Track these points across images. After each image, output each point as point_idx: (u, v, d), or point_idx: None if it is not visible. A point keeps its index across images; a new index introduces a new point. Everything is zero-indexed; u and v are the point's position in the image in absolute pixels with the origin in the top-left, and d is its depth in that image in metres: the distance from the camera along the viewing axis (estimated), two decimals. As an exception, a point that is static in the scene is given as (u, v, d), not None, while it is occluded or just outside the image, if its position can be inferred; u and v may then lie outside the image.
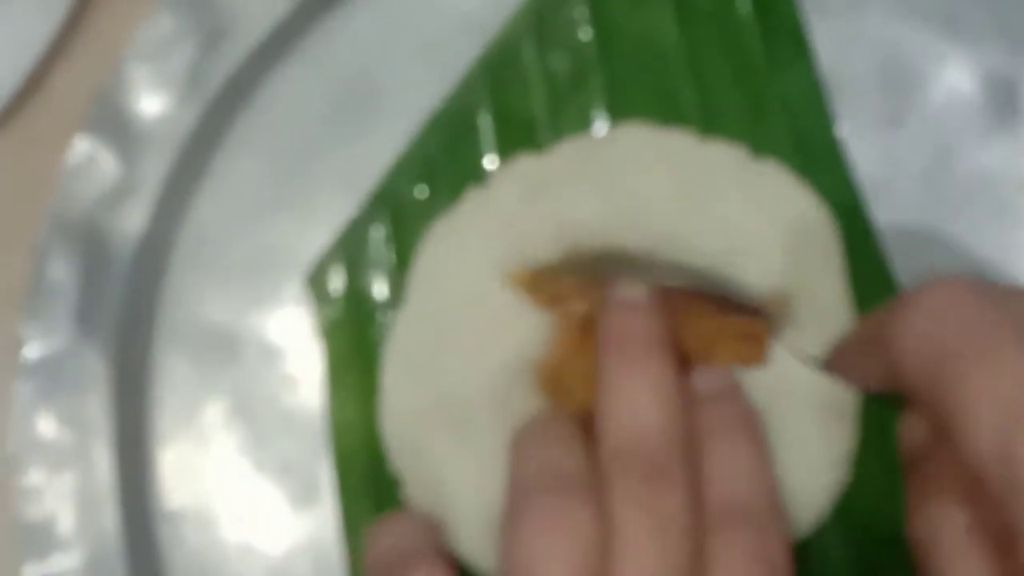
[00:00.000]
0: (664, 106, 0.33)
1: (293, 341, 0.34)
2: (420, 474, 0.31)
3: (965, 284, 0.24)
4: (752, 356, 0.30)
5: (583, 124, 0.33)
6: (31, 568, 0.32)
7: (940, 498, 0.26)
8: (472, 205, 0.32)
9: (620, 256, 0.31)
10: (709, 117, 0.33)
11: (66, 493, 0.32)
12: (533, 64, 0.33)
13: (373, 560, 0.29)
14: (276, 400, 0.34)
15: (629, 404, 0.27)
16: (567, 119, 0.33)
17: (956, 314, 0.24)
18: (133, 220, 0.33)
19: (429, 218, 0.33)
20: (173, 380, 0.34)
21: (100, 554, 0.32)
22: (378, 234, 0.33)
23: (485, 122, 0.33)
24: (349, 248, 0.33)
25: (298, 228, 0.34)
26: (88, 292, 0.33)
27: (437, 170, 0.33)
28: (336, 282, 0.33)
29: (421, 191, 0.33)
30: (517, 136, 0.33)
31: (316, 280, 0.34)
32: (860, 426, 0.31)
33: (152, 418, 0.34)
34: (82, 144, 0.34)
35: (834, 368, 0.30)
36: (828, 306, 0.31)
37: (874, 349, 0.27)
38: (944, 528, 0.26)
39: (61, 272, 0.33)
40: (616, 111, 0.33)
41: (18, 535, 0.32)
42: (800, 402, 0.30)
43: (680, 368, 0.29)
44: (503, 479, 0.29)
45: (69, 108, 0.35)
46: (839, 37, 0.33)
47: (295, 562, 0.33)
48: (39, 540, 0.32)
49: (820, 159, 0.32)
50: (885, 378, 0.27)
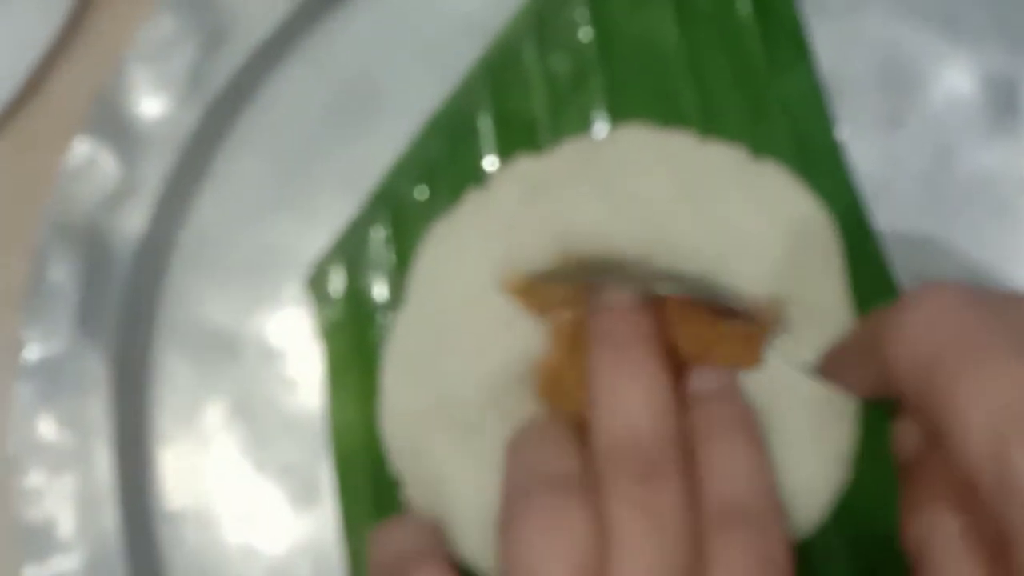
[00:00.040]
0: (664, 107, 0.33)
1: (293, 342, 0.34)
2: (420, 475, 0.31)
3: (957, 290, 0.24)
4: (749, 358, 0.30)
5: (583, 125, 0.33)
6: (31, 570, 0.32)
7: (934, 503, 0.26)
8: (472, 206, 0.32)
9: (615, 263, 0.31)
10: (709, 118, 0.33)
11: (66, 494, 0.32)
12: (533, 65, 0.33)
13: (377, 562, 0.29)
14: (276, 401, 0.34)
15: (620, 403, 0.27)
16: (567, 120, 0.33)
17: (948, 320, 0.23)
18: (133, 221, 0.33)
19: (429, 219, 0.33)
20: (173, 381, 0.34)
21: (100, 555, 0.32)
22: (378, 235, 0.33)
23: (485, 123, 0.33)
24: (349, 249, 0.33)
25: (298, 229, 0.34)
26: (88, 293, 0.33)
27: (437, 171, 0.33)
28: (336, 283, 0.33)
29: (421, 192, 0.33)
30: (517, 137, 0.33)
31: (316, 281, 0.34)
32: (860, 425, 0.31)
33: (152, 419, 0.34)
34: (82, 145, 0.34)
35: (828, 374, 0.30)
36: (828, 307, 0.31)
37: (867, 355, 0.27)
38: (938, 534, 0.26)
39: (61, 273, 0.33)
40: (616, 112, 0.33)
41: (18, 536, 0.32)
42: (799, 402, 0.30)
43: (677, 371, 0.29)
44: (502, 480, 0.29)
45: (69, 109, 0.35)
46: (839, 38, 0.33)
47: (295, 563, 0.33)
48: (39, 541, 0.32)
49: (820, 160, 0.32)
50: (878, 384, 0.27)
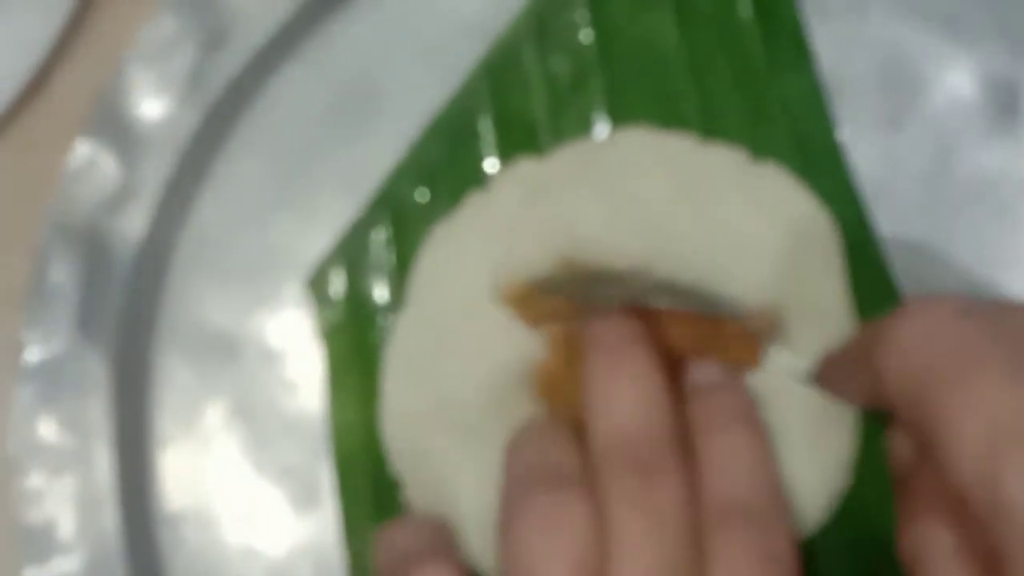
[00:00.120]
0: (665, 109, 0.33)
1: (294, 344, 0.34)
2: (420, 476, 0.31)
3: (951, 304, 0.24)
4: (746, 359, 0.30)
5: (584, 127, 0.33)
6: (31, 571, 0.32)
7: (927, 517, 0.26)
8: (473, 209, 0.32)
9: (611, 275, 0.31)
10: (709, 120, 0.33)
11: (67, 496, 0.32)
12: (534, 67, 0.33)
13: (382, 560, 0.29)
14: (276, 403, 0.34)
15: (615, 403, 0.27)
16: (568, 122, 0.33)
17: (941, 334, 0.23)
18: (134, 223, 0.33)
19: (430, 221, 0.33)
20: (173, 383, 0.34)
21: (100, 557, 0.32)
22: (379, 237, 0.33)
23: (486, 125, 0.33)
24: (350, 251, 0.33)
25: (299, 231, 0.34)
26: (89, 295, 0.33)
27: (438, 173, 0.33)
28: (337, 285, 0.33)
29: (422, 194, 0.33)
30: (518, 139, 0.33)
31: (317, 283, 0.34)
32: (860, 429, 0.31)
33: (152, 421, 0.34)
34: (83, 147, 0.34)
35: (823, 383, 0.30)
36: (828, 308, 0.31)
37: (861, 366, 0.27)
38: (932, 548, 0.26)
39: (62, 275, 0.33)
40: (617, 114, 0.33)
41: (18, 538, 0.32)
42: (799, 406, 0.30)
43: (675, 370, 0.29)
44: (502, 479, 0.29)
45: (70, 111, 0.35)
46: (840, 39, 0.33)
47: (296, 564, 0.33)
48: (39, 543, 0.32)
49: (821, 162, 0.32)
50: (871, 396, 0.27)
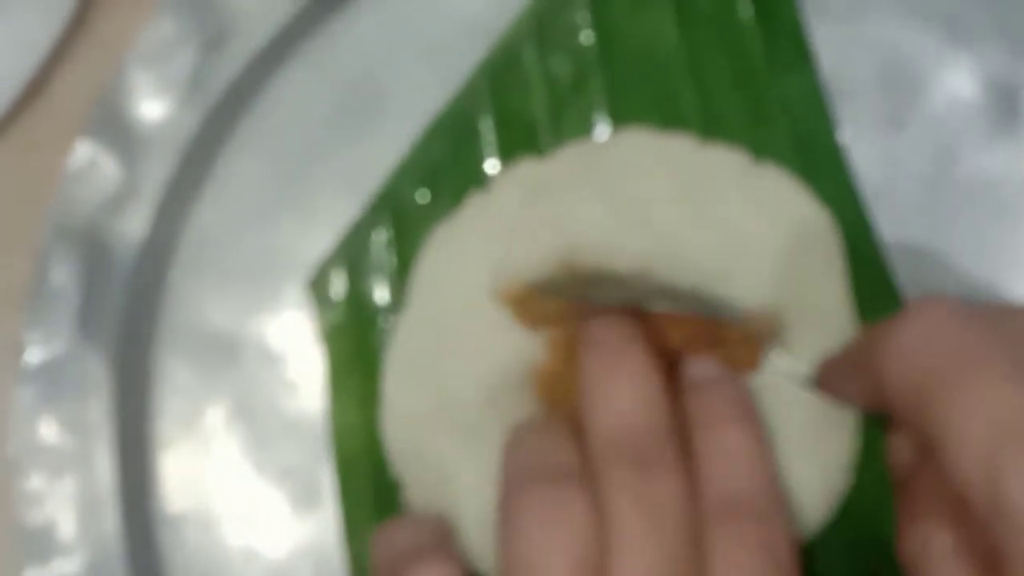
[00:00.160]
0: (665, 110, 0.33)
1: (294, 345, 0.34)
2: (421, 477, 0.31)
3: (952, 305, 0.24)
4: (746, 361, 0.30)
5: (584, 128, 0.33)
6: (32, 572, 0.32)
7: (928, 518, 0.26)
8: (474, 209, 0.32)
9: (611, 277, 0.31)
10: (710, 121, 0.33)
11: (67, 497, 0.32)
12: (534, 68, 0.33)
13: (382, 558, 0.29)
14: (277, 404, 0.34)
15: (613, 401, 0.27)
16: (568, 123, 0.33)
17: (942, 336, 0.23)
18: (134, 224, 0.33)
19: (431, 222, 0.33)
20: (174, 384, 0.34)
21: (101, 558, 0.32)
22: (380, 238, 0.33)
23: (487, 126, 0.33)
24: (351, 252, 0.33)
25: (300, 232, 0.34)
26: (89, 296, 0.33)
27: (439, 174, 0.33)
28: (337, 286, 0.33)
29: (423, 195, 0.33)
30: (519, 140, 0.33)
31: (317, 284, 0.34)
32: (860, 431, 0.31)
33: (153, 422, 0.34)
34: (83, 148, 0.34)
35: (823, 387, 0.30)
36: (829, 309, 0.31)
37: (861, 369, 0.27)
38: (932, 549, 0.26)
39: (62, 276, 0.33)
40: (617, 115, 0.33)
41: (19, 539, 0.32)
42: (799, 408, 0.30)
43: (672, 368, 0.29)
44: (501, 476, 0.29)
45: (71, 112, 0.35)
46: (840, 40, 0.33)
47: (296, 566, 0.33)
48: (40, 544, 0.32)
49: (821, 163, 0.32)
50: (872, 399, 0.27)
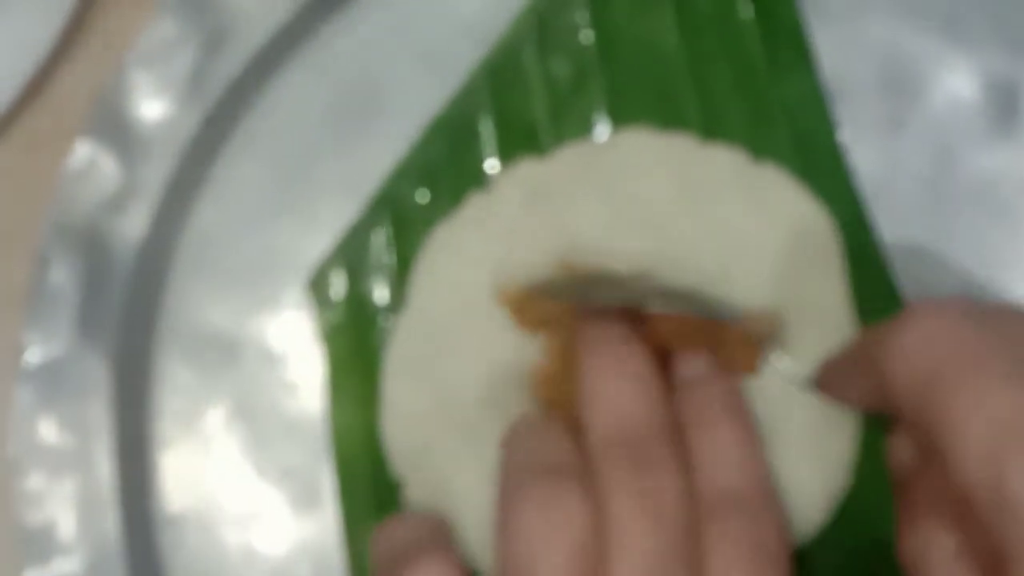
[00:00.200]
0: (665, 110, 0.33)
1: (294, 345, 0.34)
2: (421, 477, 0.31)
3: (956, 305, 0.24)
4: (745, 365, 0.30)
5: (584, 128, 0.33)
6: (31, 572, 0.32)
7: (929, 520, 0.26)
8: (473, 210, 0.32)
9: (611, 278, 0.31)
10: (710, 121, 0.33)
11: (67, 497, 0.32)
12: (534, 68, 0.33)
13: (380, 554, 0.29)
14: (277, 404, 0.34)
15: (613, 397, 0.27)
16: (568, 123, 0.33)
17: (947, 336, 0.23)
18: (134, 224, 0.33)
19: (430, 222, 0.33)
20: (174, 384, 0.34)
21: (101, 559, 0.32)
22: (379, 238, 0.33)
23: (486, 126, 0.33)
24: (350, 252, 0.33)
25: (299, 232, 0.34)
26: (89, 296, 0.33)
27: (438, 174, 0.33)
28: (337, 286, 0.33)
29: (422, 195, 0.33)
30: (518, 140, 0.33)
31: (317, 284, 0.33)
32: (860, 430, 0.31)
33: (153, 422, 0.34)
34: (83, 148, 0.34)
35: (823, 388, 0.30)
36: (829, 309, 0.31)
37: (863, 370, 0.27)
38: (933, 550, 0.26)
39: (62, 276, 0.33)
40: (617, 115, 0.33)
41: (19, 539, 0.32)
42: (800, 407, 0.30)
43: (669, 368, 0.29)
44: (498, 473, 0.29)
45: (70, 112, 0.35)
46: (840, 41, 0.33)
47: (296, 566, 0.33)
48: (40, 544, 0.32)
49: (821, 163, 0.32)
50: (873, 400, 0.27)
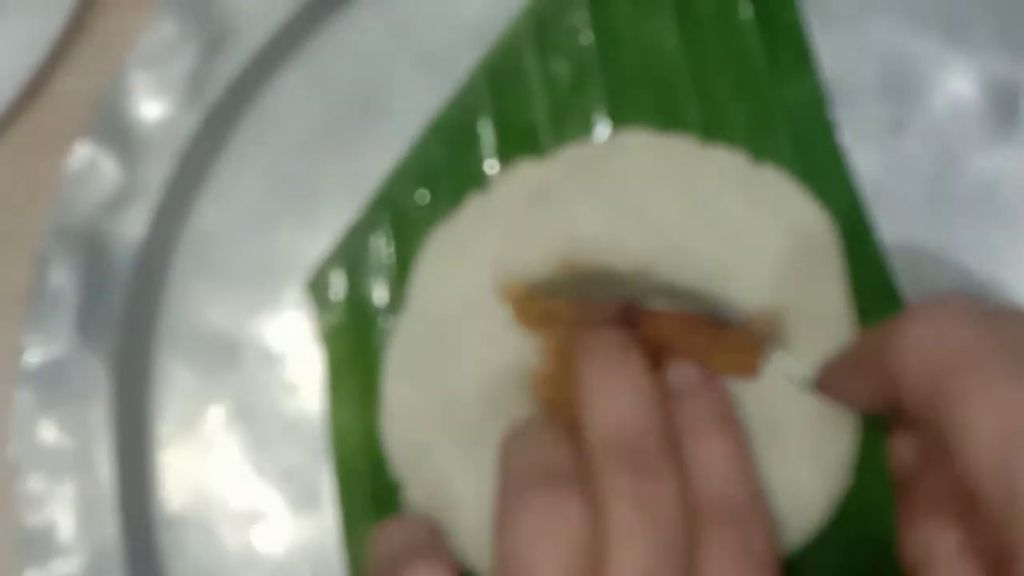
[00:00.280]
0: (665, 111, 0.33)
1: (294, 346, 0.34)
2: (420, 477, 0.31)
3: (965, 302, 0.24)
4: (746, 368, 0.30)
5: (584, 129, 0.33)
6: (32, 573, 0.32)
7: (931, 519, 0.26)
8: (473, 211, 0.32)
9: (613, 276, 0.31)
10: (710, 123, 0.33)
11: (67, 499, 0.32)
12: (534, 69, 0.33)
13: (376, 560, 0.29)
14: (277, 405, 0.34)
15: (611, 403, 0.27)
16: (568, 124, 0.33)
17: (957, 332, 0.23)
18: (134, 226, 0.33)
19: (430, 224, 0.33)
20: (174, 385, 0.34)
21: (101, 560, 0.32)
22: (379, 239, 0.33)
23: (486, 127, 0.33)
24: (350, 253, 0.33)
25: (299, 233, 0.34)
26: (89, 298, 0.33)
27: (438, 176, 0.33)
28: (337, 287, 0.33)
29: (422, 196, 0.33)
30: (518, 141, 0.33)
31: (317, 285, 0.33)
32: (860, 431, 0.31)
33: (153, 423, 0.34)
34: (83, 149, 0.34)
35: (825, 389, 0.30)
36: (829, 312, 0.31)
37: (867, 369, 0.27)
38: (936, 548, 0.26)
39: (62, 278, 0.33)
40: (617, 117, 0.33)
41: (19, 541, 0.32)
42: (800, 408, 0.30)
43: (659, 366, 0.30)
44: (497, 475, 0.29)
45: (70, 113, 0.35)
46: (841, 42, 0.33)
47: (296, 567, 0.33)
48: (40, 546, 0.32)
49: (822, 166, 0.32)
50: (875, 400, 0.27)
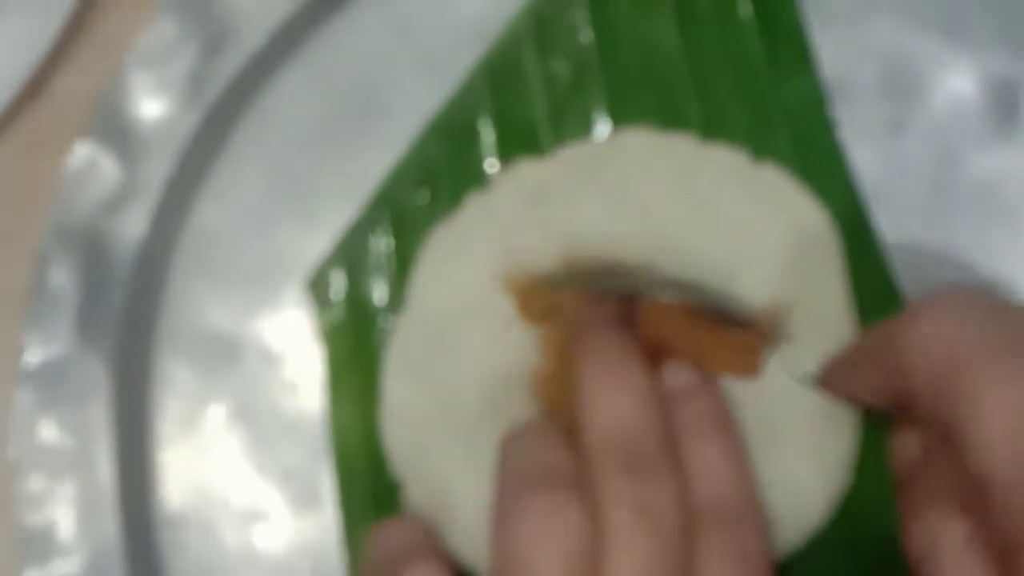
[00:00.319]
0: (665, 110, 0.33)
1: (294, 346, 0.34)
2: (420, 477, 0.31)
3: (975, 295, 0.25)
4: (747, 368, 0.30)
5: (584, 128, 0.33)
6: (31, 573, 0.32)
7: (937, 512, 0.26)
8: (473, 210, 0.32)
9: (617, 269, 0.31)
10: (710, 121, 0.32)
11: (67, 498, 0.32)
12: (534, 68, 0.33)
13: (372, 560, 0.29)
14: (277, 404, 0.34)
15: (610, 405, 0.27)
16: (568, 123, 0.33)
17: (967, 324, 0.24)
18: (134, 225, 0.33)
19: (430, 223, 0.33)
20: (174, 385, 0.34)
21: (101, 560, 0.32)
22: (379, 239, 0.33)
23: (486, 127, 0.33)
24: (350, 252, 0.33)
25: (299, 233, 0.34)
26: (89, 297, 0.33)
27: (438, 175, 0.33)
28: (337, 286, 0.33)
29: (422, 196, 0.33)
30: (518, 141, 0.33)
31: (317, 284, 0.33)
32: (860, 430, 0.31)
33: (153, 423, 0.34)
34: (83, 149, 0.34)
35: (829, 384, 0.30)
36: (829, 310, 0.31)
37: (874, 363, 0.27)
38: (943, 540, 0.26)
39: (62, 277, 0.33)
40: (617, 115, 0.33)
41: (19, 540, 0.32)
42: (801, 406, 0.30)
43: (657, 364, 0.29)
44: (496, 476, 0.29)
45: (70, 113, 0.35)
46: (841, 41, 0.33)
47: (296, 566, 0.33)
48: (40, 546, 0.32)
49: (822, 165, 0.32)
50: (882, 394, 0.27)
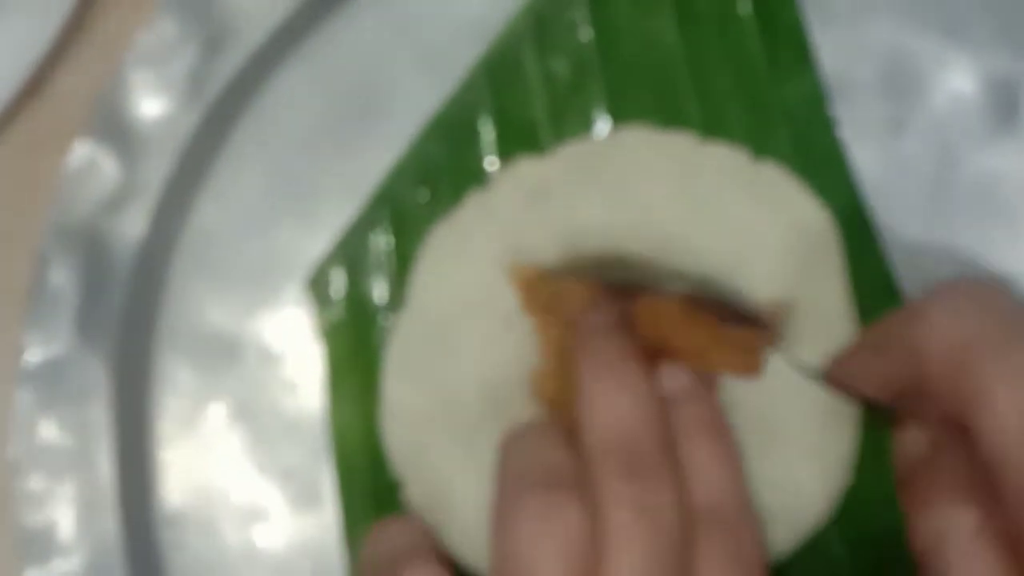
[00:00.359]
0: (665, 109, 0.33)
1: (294, 344, 0.34)
2: (420, 477, 0.31)
3: (987, 285, 0.25)
4: (748, 367, 0.30)
5: (584, 127, 0.33)
6: (32, 573, 0.32)
7: (945, 504, 0.26)
8: (473, 208, 0.32)
9: (620, 261, 0.31)
10: (710, 120, 0.32)
11: (67, 498, 0.32)
12: (533, 66, 0.33)
13: (375, 559, 0.29)
14: (277, 403, 0.34)
15: (610, 407, 0.27)
16: (568, 122, 0.33)
17: (980, 313, 0.24)
18: (134, 224, 0.33)
19: (430, 221, 0.33)
20: (174, 384, 0.34)
21: (101, 559, 0.32)
22: (379, 237, 0.33)
23: (486, 125, 0.33)
24: (350, 251, 0.33)
25: (299, 231, 0.34)
26: (89, 297, 0.33)
27: (438, 173, 0.33)
28: (337, 285, 0.33)
29: (422, 194, 0.33)
30: (518, 139, 0.33)
31: (317, 283, 0.33)
32: (860, 429, 0.31)
33: (153, 422, 0.34)
34: (83, 148, 0.34)
35: (834, 379, 0.30)
36: (829, 308, 0.31)
37: (883, 353, 0.27)
38: (950, 532, 0.26)
39: (62, 277, 0.33)
40: (617, 114, 0.33)
41: (19, 540, 0.32)
42: (801, 404, 0.30)
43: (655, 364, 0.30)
44: (496, 477, 0.29)
45: (70, 112, 0.35)
46: (841, 40, 0.33)
47: (296, 565, 0.33)
48: (40, 545, 0.32)
49: (822, 163, 0.32)
50: (890, 385, 0.27)
